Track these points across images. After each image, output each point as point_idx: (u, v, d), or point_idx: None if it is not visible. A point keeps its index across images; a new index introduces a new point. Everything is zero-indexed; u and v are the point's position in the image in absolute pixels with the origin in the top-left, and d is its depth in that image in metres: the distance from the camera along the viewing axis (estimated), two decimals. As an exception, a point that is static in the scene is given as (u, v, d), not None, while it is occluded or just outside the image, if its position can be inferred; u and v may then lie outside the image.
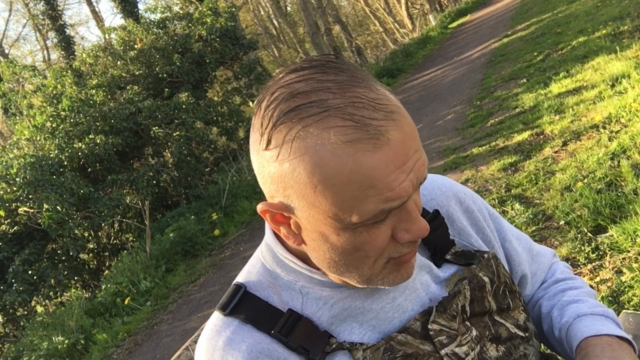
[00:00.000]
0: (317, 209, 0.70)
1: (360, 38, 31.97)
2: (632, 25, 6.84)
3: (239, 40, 12.86)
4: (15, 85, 12.99)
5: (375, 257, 0.72)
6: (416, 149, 0.69)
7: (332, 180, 0.66)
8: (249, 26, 25.76)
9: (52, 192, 8.19)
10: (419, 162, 0.68)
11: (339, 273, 0.76)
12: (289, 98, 0.67)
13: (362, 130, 0.66)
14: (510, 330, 0.85)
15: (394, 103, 0.69)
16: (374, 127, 0.66)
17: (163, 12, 13.25)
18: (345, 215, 0.68)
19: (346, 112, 0.66)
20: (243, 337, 0.79)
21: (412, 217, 0.70)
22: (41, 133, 10.04)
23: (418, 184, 0.69)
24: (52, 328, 6.72)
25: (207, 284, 6.27)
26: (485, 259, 0.89)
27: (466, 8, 21.38)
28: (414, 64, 14.52)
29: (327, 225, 0.70)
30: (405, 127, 0.68)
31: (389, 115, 0.68)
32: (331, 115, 0.66)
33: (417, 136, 0.70)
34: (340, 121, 0.66)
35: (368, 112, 0.67)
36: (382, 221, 0.69)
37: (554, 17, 10.73)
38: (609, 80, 5.18)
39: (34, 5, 21.77)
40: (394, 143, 0.67)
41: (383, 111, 0.67)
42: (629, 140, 3.75)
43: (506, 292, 0.88)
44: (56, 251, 9.01)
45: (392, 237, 0.70)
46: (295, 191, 0.70)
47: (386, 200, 0.67)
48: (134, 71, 11.77)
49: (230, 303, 0.82)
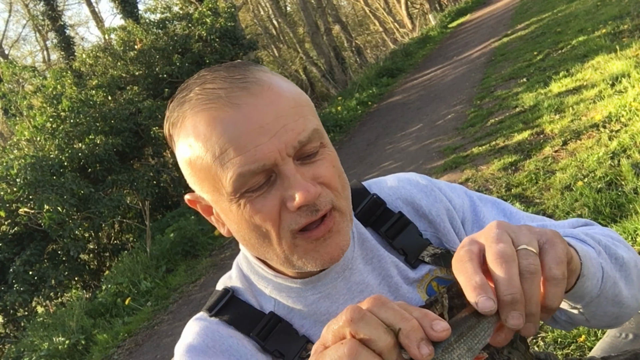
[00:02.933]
0: (208, 188, 0.76)
1: (360, 38, 31.98)
2: (632, 24, 6.84)
3: (238, 41, 12.85)
4: (15, 86, 13.00)
5: (274, 231, 0.73)
6: (284, 117, 0.71)
7: (200, 154, 0.73)
8: (249, 26, 25.77)
9: (52, 193, 8.19)
10: (288, 129, 0.71)
11: (261, 256, 0.78)
12: (176, 95, 0.77)
13: (213, 100, 0.72)
14: None
15: (257, 79, 0.74)
16: (224, 97, 0.72)
17: (163, 12, 13.26)
18: (222, 187, 0.73)
19: (202, 90, 0.74)
20: (219, 328, 0.81)
21: (291, 182, 0.70)
22: (41, 134, 10.04)
23: (293, 150, 0.71)
24: (53, 328, 6.71)
25: (207, 284, 6.27)
26: None
27: (466, 7, 21.37)
28: (414, 63, 14.52)
29: (220, 203, 0.75)
30: (264, 96, 0.72)
31: (243, 86, 0.72)
32: (193, 98, 0.74)
33: (293, 107, 0.73)
34: (197, 98, 0.74)
35: (219, 85, 0.73)
36: (263, 191, 0.72)
37: (553, 17, 10.73)
38: (609, 79, 5.18)
39: (34, 6, 21.78)
40: (245, 108, 0.71)
41: (237, 84, 0.73)
42: (629, 140, 3.75)
43: None
44: (57, 252, 9.01)
45: (285, 207, 0.71)
46: (192, 176, 0.78)
47: (242, 163, 0.70)
48: (133, 71, 11.76)
49: (217, 305, 0.85)
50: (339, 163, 0.78)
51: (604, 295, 0.72)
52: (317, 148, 0.74)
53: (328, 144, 0.77)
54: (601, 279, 0.71)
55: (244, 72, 0.75)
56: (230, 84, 0.73)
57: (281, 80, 0.78)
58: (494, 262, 0.56)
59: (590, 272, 0.69)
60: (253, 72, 0.76)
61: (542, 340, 2.43)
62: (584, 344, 2.27)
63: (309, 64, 22.41)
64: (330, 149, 0.77)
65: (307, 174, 0.72)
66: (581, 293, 0.69)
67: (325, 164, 0.74)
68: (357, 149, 8.55)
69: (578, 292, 0.69)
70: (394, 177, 0.97)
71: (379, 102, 11.75)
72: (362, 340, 0.50)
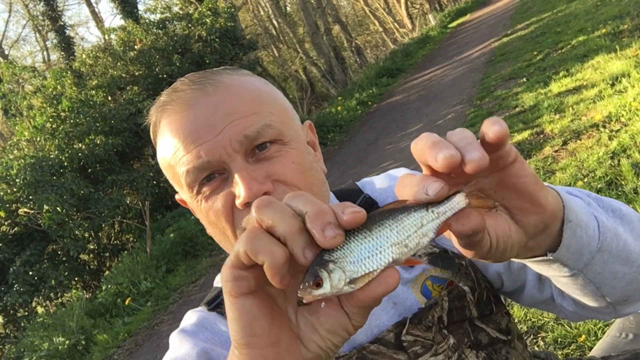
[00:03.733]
0: (177, 186, 0.79)
1: (360, 38, 31.98)
2: (631, 24, 6.84)
3: (238, 41, 12.85)
4: (15, 86, 13.00)
5: (229, 228, 0.75)
6: (234, 114, 0.73)
7: (164, 154, 0.78)
8: (249, 26, 25.76)
9: (52, 193, 8.19)
10: (235, 125, 0.72)
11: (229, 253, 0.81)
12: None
13: (170, 103, 0.76)
14: (491, 335, 0.83)
15: (216, 80, 0.77)
16: (180, 99, 0.75)
17: (163, 12, 13.27)
18: (182, 184, 0.76)
19: (167, 94, 0.79)
20: (216, 319, 0.84)
21: (236, 178, 0.71)
22: (41, 134, 10.04)
23: (239, 145, 0.72)
24: (53, 329, 6.71)
25: (207, 284, 6.27)
26: (464, 266, 0.85)
27: (466, 7, 21.37)
28: (414, 63, 14.52)
29: (189, 201, 0.79)
30: (218, 96, 0.75)
31: (199, 87, 0.76)
32: (160, 102, 0.79)
33: (247, 104, 0.75)
34: (162, 102, 0.78)
35: (180, 88, 0.77)
36: (216, 187, 0.74)
37: (553, 17, 10.73)
38: (608, 79, 5.18)
39: (34, 6, 21.77)
40: (197, 108, 0.74)
41: (194, 86, 0.76)
42: (629, 139, 3.75)
43: (490, 297, 0.86)
44: (57, 252, 9.01)
45: (235, 204, 0.73)
46: (167, 176, 0.81)
47: (189, 160, 0.73)
48: (133, 72, 11.77)
49: (215, 300, 0.88)
50: (305, 160, 0.78)
51: (607, 250, 0.65)
52: (271, 144, 0.74)
53: (291, 141, 0.77)
54: (597, 229, 0.65)
55: (211, 74, 0.79)
56: (189, 86, 0.77)
57: (248, 80, 0.80)
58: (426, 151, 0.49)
59: (580, 219, 0.61)
60: (219, 74, 0.79)
61: (542, 340, 2.43)
62: (584, 344, 2.27)
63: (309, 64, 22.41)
64: (292, 146, 0.76)
65: (259, 171, 0.73)
66: (577, 246, 0.62)
67: (282, 160, 0.74)
68: (357, 149, 8.55)
69: (572, 244, 0.61)
70: (384, 176, 0.97)
71: (379, 102, 11.75)
72: (267, 227, 0.47)
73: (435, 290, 0.84)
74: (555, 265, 0.64)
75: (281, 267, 0.45)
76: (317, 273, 0.46)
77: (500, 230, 0.55)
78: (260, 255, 0.45)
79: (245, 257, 0.47)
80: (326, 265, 0.46)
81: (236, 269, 0.48)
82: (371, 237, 0.47)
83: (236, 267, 0.48)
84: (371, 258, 0.47)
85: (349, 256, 0.46)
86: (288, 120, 0.79)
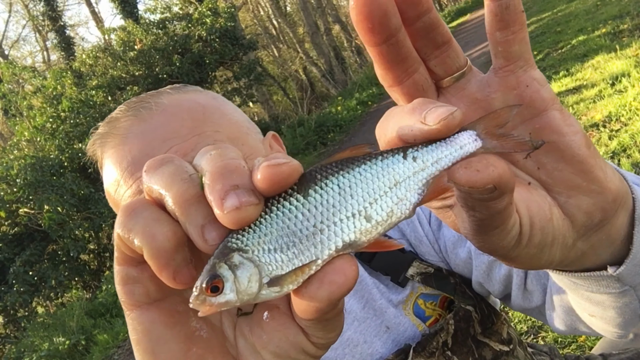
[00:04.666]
0: None
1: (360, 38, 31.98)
2: (631, 24, 6.84)
3: (238, 41, 12.85)
4: (15, 86, 13.00)
5: None
6: (173, 139, 0.67)
7: (109, 189, 0.73)
8: (249, 26, 25.76)
9: (52, 193, 8.19)
10: (174, 151, 0.67)
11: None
12: None
13: (108, 134, 0.72)
14: (495, 349, 0.80)
15: (151, 103, 0.71)
16: (115, 127, 0.72)
17: (162, 12, 13.26)
18: None
19: (106, 121, 0.75)
20: None
21: None
22: (41, 134, 10.05)
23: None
24: (53, 329, 6.71)
25: (207, 284, 6.27)
26: (458, 284, 0.81)
27: (466, 7, 21.37)
28: (414, 63, 14.52)
29: None
30: (153, 121, 0.69)
31: (134, 114, 0.71)
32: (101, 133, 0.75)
33: (188, 125, 0.69)
34: (101, 130, 0.75)
35: (114, 115, 0.73)
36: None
37: (553, 16, 10.72)
38: (608, 78, 5.18)
39: (34, 6, 21.78)
40: (131, 140, 0.69)
41: (130, 112, 0.71)
42: (629, 139, 3.75)
43: (491, 308, 0.83)
44: (57, 252, 9.01)
45: None
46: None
47: (130, 196, 0.68)
48: (133, 72, 11.77)
49: None
50: None
51: None
52: None
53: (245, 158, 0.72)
54: None
55: (150, 97, 0.74)
56: (125, 114, 0.73)
57: (190, 98, 0.73)
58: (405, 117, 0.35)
59: None
60: (158, 96, 0.74)
61: (542, 340, 2.42)
62: (584, 344, 2.27)
63: (309, 64, 22.41)
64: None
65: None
66: None
67: None
68: (357, 148, 8.54)
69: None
70: None
71: (379, 102, 11.75)
72: (155, 198, 0.33)
73: (429, 308, 0.79)
74: (607, 281, 0.44)
75: (168, 255, 0.31)
76: (214, 270, 0.30)
77: (536, 208, 0.37)
78: (136, 237, 0.32)
79: (123, 244, 0.33)
80: (229, 257, 0.30)
81: (123, 265, 0.35)
82: (307, 206, 0.30)
83: (123, 263, 0.35)
84: (306, 242, 0.30)
85: (267, 241, 0.30)
86: (240, 135, 0.72)
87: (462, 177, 0.30)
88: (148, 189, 0.34)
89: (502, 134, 0.33)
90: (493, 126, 0.33)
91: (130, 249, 0.33)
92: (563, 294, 0.65)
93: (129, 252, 0.33)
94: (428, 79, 0.39)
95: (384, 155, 0.32)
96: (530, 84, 0.38)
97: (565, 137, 0.37)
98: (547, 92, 0.38)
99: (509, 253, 0.36)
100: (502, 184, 0.30)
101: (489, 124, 0.33)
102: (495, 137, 0.33)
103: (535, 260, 0.38)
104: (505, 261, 0.38)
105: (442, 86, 0.40)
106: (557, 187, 0.38)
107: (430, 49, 0.38)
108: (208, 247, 0.31)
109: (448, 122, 0.30)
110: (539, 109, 0.37)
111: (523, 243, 0.36)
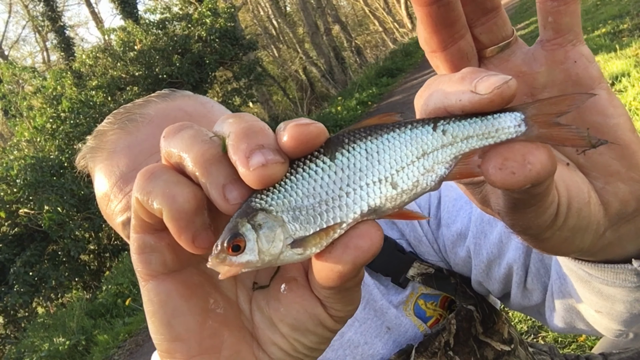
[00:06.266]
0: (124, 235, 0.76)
1: (360, 38, 31.96)
2: (631, 24, 6.84)
3: (238, 41, 12.86)
4: (15, 86, 13.00)
5: None
6: (158, 152, 0.65)
7: (101, 203, 0.74)
8: (249, 26, 25.76)
9: (52, 194, 8.19)
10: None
11: None
12: None
13: (96, 147, 0.73)
14: (496, 349, 0.80)
15: (138, 113, 0.71)
16: (102, 141, 0.72)
17: (162, 13, 13.26)
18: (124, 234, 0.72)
19: (94, 135, 0.75)
20: None
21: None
22: (41, 134, 10.05)
23: None
24: (53, 329, 6.71)
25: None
26: (459, 284, 0.81)
27: (466, 7, 21.39)
28: (414, 63, 14.51)
29: None
30: (140, 133, 0.69)
31: (120, 127, 0.71)
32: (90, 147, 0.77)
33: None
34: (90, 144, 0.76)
35: (101, 128, 0.74)
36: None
37: (553, 16, 10.73)
38: (608, 78, 5.18)
39: (34, 7, 21.77)
40: (119, 154, 0.69)
41: (116, 124, 0.71)
42: (629, 139, 3.75)
43: (491, 308, 0.84)
44: (57, 252, 9.01)
45: None
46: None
47: (121, 211, 0.69)
48: (133, 72, 11.77)
49: None
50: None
51: None
52: None
53: None
54: None
55: (137, 108, 0.74)
56: (112, 127, 0.73)
57: (177, 106, 0.73)
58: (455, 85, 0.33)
59: None
60: (145, 106, 0.74)
61: (542, 340, 2.42)
62: (584, 344, 2.27)
63: (308, 64, 22.41)
64: None
65: None
66: None
67: None
68: (357, 149, 8.54)
69: None
70: None
71: (379, 102, 11.75)
72: (175, 163, 0.33)
73: (430, 309, 0.79)
74: (626, 274, 0.43)
75: (188, 217, 0.30)
76: (236, 228, 0.29)
77: (576, 190, 0.35)
78: (156, 199, 0.31)
79: (141, 209, 0.32)
80: (252, 216, 0.29)
81: (140, 233, 0.34)
82: (333, 168, 0.29)
83: (140, 231, 0.34)
84: (332, 204, 0.29)
85: (292, 201, 0.29)
86: None
87: (495, 178, 0.28)
88: (167, 153, 0.33)
89: (556, 122, 0.30)
90: (551, 113, 0.30)
91: (149, 214, 0.32)
92: (566, 291, 0.65)
93: (147, 217, 0.32)
94: (473, 47, 0.38)
95: (413, 124, 0.31)
96: (579, 59, 0.36)
97: (610, 119, 0.35)
98: (595, 70, 0.37)
99: (541, 234, 0.34)
100: (541, 179, 0.28)
101: (546, 109, 0.30)
102: (547, 126, 0.30)
103: (565, 245, 0.36)
104: (534, 243, 0.36)
105: (485, 56, 0.39)
106: (595, 171, 0.36)
107: (478, 14, 0.36)
108: (229, 206, 0.30)
109: (502, 91, 0.27)
110: (585, 87, 0.36)
111: (558, 224, 0.34)
